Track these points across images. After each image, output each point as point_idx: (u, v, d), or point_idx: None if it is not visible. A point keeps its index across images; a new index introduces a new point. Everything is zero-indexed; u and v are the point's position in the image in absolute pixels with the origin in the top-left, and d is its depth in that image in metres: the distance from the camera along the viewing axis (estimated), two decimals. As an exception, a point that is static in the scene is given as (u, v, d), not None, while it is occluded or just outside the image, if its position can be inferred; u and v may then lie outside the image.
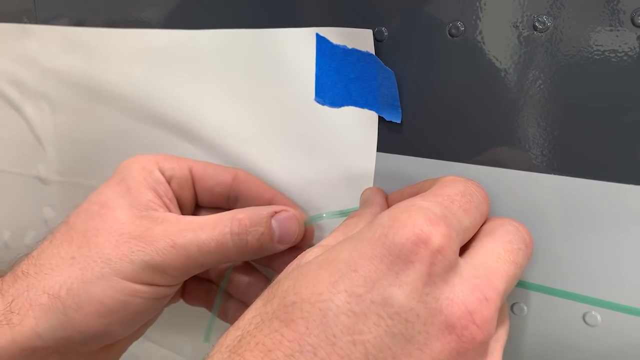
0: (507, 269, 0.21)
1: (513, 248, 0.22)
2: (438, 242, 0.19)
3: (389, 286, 0.18)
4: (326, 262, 0.19)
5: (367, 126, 0.28)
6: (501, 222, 0.23)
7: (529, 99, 0.23)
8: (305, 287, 0.19)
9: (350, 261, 0.19)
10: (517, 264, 0.21)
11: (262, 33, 0.29)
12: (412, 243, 0.18)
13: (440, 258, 0.19)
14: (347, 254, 0.19)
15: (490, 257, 0.21)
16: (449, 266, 0.19)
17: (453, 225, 0.20)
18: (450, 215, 0.20)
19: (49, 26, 0.38)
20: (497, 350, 0.20)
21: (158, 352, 0.43)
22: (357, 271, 0.19)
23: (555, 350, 0.26)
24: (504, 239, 0.22)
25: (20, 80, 0.40)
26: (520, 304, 0.26)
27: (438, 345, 0.18)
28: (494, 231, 0.22)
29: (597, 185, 0.23)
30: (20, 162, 0.43)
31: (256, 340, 0.18)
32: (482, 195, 0.23)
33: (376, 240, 0.19)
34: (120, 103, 0.36)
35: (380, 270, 0.18)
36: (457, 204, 0.21)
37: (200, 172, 0.31)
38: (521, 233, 0.22)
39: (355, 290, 0.18)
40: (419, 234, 0.19)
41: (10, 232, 0.45)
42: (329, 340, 0.17)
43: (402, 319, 0.18)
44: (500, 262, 0.21)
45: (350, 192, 0.29)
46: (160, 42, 0.33)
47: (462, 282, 0.19)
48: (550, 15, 0.22)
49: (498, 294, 0.19)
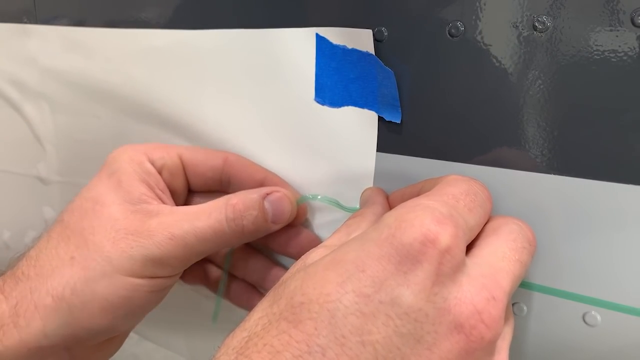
0: (513, 267, 0.21)
1: (517, 247, 0.22)
2: (446, 242, 0.19)
3: (397, 286, 0.18)
4: (333, 263, 0.19)
5: (367, 126, 0.28)
6: (505, 220, 0.23)
7: (528, 99, 0.23)
8: (313, 288, 0.19)
9: (357, 261, 0.19)
10: (522, 263, 0.21)
11: (262, 33, 0.29)
12: (420, 243, 0.18)
13: (449, 258, 0.19)
14: (354, 254, 0.19)
15: (495, 256, 0.21)
16: (456, 266, 0.19)
17: (460, 224, 0.20)
18: (456, 214, 0.20)
19: (49, 26, 0.38)
20: (503, 349, 0.20)
21: (158, 352, 0.43)
22: (365, 271, 0.18)
23: (555, 351, 0.26)
24: (508, 238, 0.22)
25: (20, 80, 0.40)
26: (520, 304, 0.26)
27: (447, 345, 0.18)
28: (498, 230, 0.22)
29: (597, 185, 0.23)
30: (21, 162, 0.43)
31: (264, 342, 0.18)
32: (485, 194, 0.23)
33: (383, 241, 0.19)
34: (120, 103, 0.36)
35: (388, 270, 0.18)
36: (462, 203, 0.21)
37: (190, 159, 0.31)
38: (525, 231, 0.22)
39: (364, 290, 0.18)
40: (426, 233, 0.18)
41: (10, 232, 0.45)
42: (337, 340, 0.17)
43: (411, 319, 0.18)
44: (506, 260, 0.21)
45: (351, 192, 0.29)
46: (160, 42, 0.33)
47: (470, 282, 0.19)
48: (550, 16, 0.22)
49: (505, 293, 0.19)
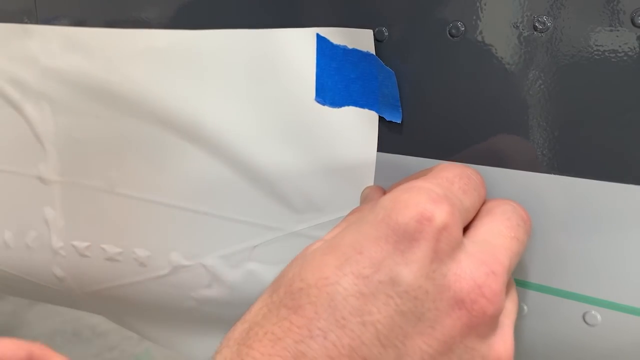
0: (510, 244, 0.21)
1: (512, 225, 0.22)
2: (442, 219, 0.19)
3: (395, 265, 0.18)
4: (331, 248, 0.19)
5: (367, 126, 0.28)
6: (497, 202, 0.23)
7: (529, 99, 0.23)
8: (312, 273, 0.19)
9: (355, 244, 0.19)
10: (518, 239, 0.21)
11: (263, 33, 0.29)
12: (416, 221, 0.18)
13: (446, 234, 0.19)
14: (351, 237, 0.19)
15: (492, 234, 0.21)
16: (454, 243, 0.19)
17: (455, 204, 0.20)
18: (451, 195, 0.20)
19: (49, 26, 0.38)
20: (507, 325, 0.20)
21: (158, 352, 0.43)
22: (363, 253, 0.18)
23: (555, 350, 0.26)
24: (503, 217, 0.22)
25: (20, 80, 0.40)
26: (520, 303, 0.26)
27: (449, 322, 0.18)
28: (492, 211, 0.22)
29: (597, 185, 0.23)
30: (21, 161, 0.43)
31: (264, 330, 0.18)
32: (479, 179, 0.23)
33: (380, 222, 0.19)
34: (121, 103, 0.36)
35: (386, 250, 0.18)
36: (456, 185, 0.21)
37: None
38: (518, 211, 0.23)
39: (362, 271, 0.18)
40: (422, 212, 0.19)
41: (10, 232, 0.45)
42: (338, 323, 0.17)
43: (411, 297, 0.18)
44: (502, 237, 0.21)
45: (351, 192, 0.29)
46: (160, 42, 0.33)
47: (468, 258, 0.19)
48: (550, 16, 0.22)
49: (504, 268, 0.19)
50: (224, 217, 0.34)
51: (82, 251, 0.39)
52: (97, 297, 0.42)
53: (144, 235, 0.37)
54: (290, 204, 0.31)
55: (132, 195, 0.37)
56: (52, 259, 0.41)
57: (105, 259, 0.39)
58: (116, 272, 0.39)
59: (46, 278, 0.43)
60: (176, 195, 0.35)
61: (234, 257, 0.35)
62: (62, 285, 0.42)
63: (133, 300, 0.40)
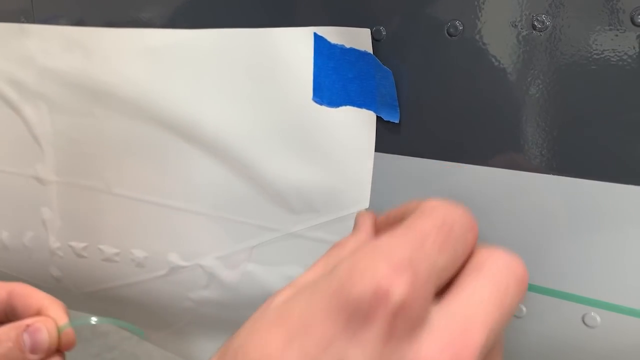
0: (492, 314, 0.18)
1: (500, 289, 0.19)
2: (400, 296, 0.17)
3: (345, 347, 0.17)
4: (280, 318, 0.18)
5: (365, 126, 0.27)
6: (489, 256, 0.20)
7: (528, 99, 0.23)
8: (254, 348, 0.17)
9: (304, 317, 0.17)
10: (504, 307, 0.19)
11: (260, 32, 0.29)
12: (370, 296, 0.17)
13: (402, 315, 0.17)
14: (302, 308, 0.18)
15: (471, 301, 0.18)
16: (413, 322, 0.17)
17: (421, 270, 0.17)
18: (420, 257, 0.18)
19: (47, 26, 0.38)
20: None
21: (158, 352, 0.43)
22: (311, 329, 0.17)
23: (554, 351, 0.26)
24: (491, 280, 0.19)
25: (18, 80, 0.40)
26: (519, 304, 0.26)
27: None
28: (480, 268, 0.19)
29: (597, 185, 0.23)
30: (19, 162, 0.43)
31: None
32: (467, 223, 0.20)
33: (332, 294, 0.17)
34: (118, 103, 0.36)
35: (335, 329, 0.17)
36: (431, 239, 0.19)
37: None
38: (513, 268, 0.19)
39: (310, 350, 0.17)
40: (377, 287, 0.17)
41: (8, 232, 0.45)
42: None
43: None
44: (483, 306, 0.18)
45: (349, 192, 0.29)
46: (159, 41, 0.33)
47: (432, 339, 0.17)
48: (549, 15, 0.22)
49: (476, 347, 0.17)
50: (222, 217, 0.34)
51: (79, 251, 0.39)
52: (95, 297, 0.42)
53: (141, 236, 0.37)
54: (288, 205, 0.31)
55: (129, 196, 0.37)
56: (49, 259, 0.41)
57: (103, 260, 0.38)
58: (114, 272, 0.39)
59: (43, 278, 0.43)
60: (173, 196, 0.35)
61: (232, 258, 0.35)
62: (59, 285, 0.42)
63: (130, 301, 0.40)
